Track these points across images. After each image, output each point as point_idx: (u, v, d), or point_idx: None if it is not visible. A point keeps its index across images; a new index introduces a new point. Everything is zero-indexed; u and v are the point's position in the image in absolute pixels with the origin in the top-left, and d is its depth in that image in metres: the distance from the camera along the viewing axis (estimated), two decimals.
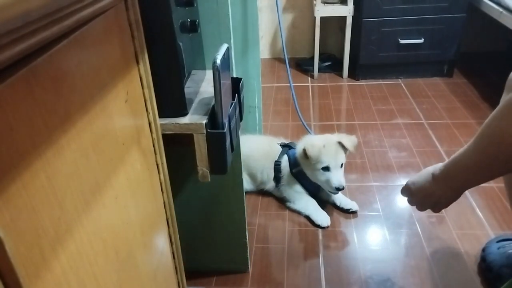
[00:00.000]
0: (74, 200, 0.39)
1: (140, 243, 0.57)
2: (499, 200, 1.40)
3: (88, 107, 0.43)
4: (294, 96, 1.68)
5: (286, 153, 1.45)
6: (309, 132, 1.81)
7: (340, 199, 1.43)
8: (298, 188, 1.43)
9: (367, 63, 2.34)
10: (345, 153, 1.36)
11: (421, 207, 0.91)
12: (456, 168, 0.78)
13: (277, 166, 1.44)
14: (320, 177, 1.35)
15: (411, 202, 0.94)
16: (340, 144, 1.35)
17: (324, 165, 1.32)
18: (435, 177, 0.84)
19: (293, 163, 1.42)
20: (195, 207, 1.10)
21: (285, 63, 1.63)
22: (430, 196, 0.86)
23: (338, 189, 1.32)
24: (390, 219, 1.36)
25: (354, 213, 1.39)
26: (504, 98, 0.97)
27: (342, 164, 1.35)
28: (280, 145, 1.49)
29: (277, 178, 1.45)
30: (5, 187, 0.30)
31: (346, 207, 1.40)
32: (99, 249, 0.44)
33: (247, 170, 1.49)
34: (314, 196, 1.44)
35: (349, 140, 1.36)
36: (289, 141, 1.52)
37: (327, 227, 1.34)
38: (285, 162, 1.44)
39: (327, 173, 1.33)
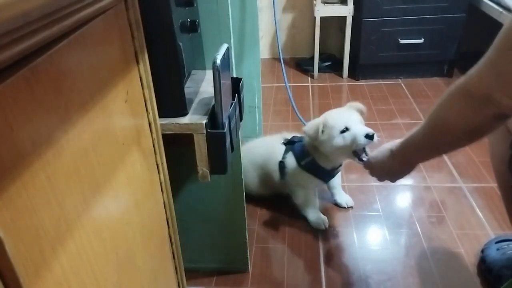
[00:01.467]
0: (74, 200, 0.39)
1: (140, 243, 0.57)
2: (499, 200, 1.40)
3: (88, 107, 0.43)
4: (290, 93, 1.68)
5: (290, 150, 1.35)
6: (303, 123, 1.75)
7: (342, 197, 1.43)
8: (305, 182, 1.33)
9: (367, 63, 2.34)
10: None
11: (380, 178, 1.02)
12: (410, 146, 0.87)
13: (281, 165, 1.36)
14: (343, 143, 1.17)
15: (371, 174, 1.04)
16: (355, 108, 1.26)
17: (340, 128, 1.18)
18: (393, 153, 0.93)
19: (300, 155, 1.32)
20: (195, 207, 1.10)
21: (280, 62, 1.63)
22: (389, 169, 0.97)
23: (371, 138, 1.15)
24: (390, 219, 1.36)
25: (351, 208, 1.42)
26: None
27: (361, 123, 1.22)
28: (283, 144, 1.39)
29: (282, 173, 1.36)
30: (5, 187, 0.30)
31: (349, 204, 1.41)
32: (99, 249, 0.44)
33: (259, 178, 1.44)
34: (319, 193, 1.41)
35: (356, 104, 1.27)
36: (291, 136, 1.42)
37: (326, 228, 1.33)
38: (289, 158, 1.34)
39: (347, 133, 1.17)
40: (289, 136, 1.41)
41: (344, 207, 1.41)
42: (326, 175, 1.33)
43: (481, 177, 1.53)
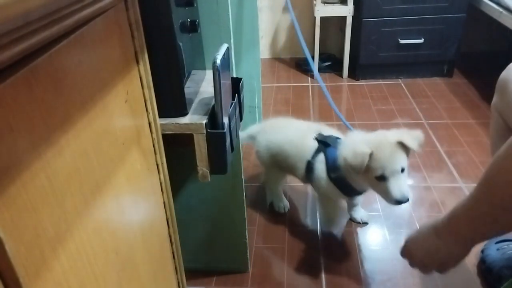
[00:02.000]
0: (74, 200, 0.39)
1: (140, 243, 0.57)
2: None
3: (88, 107, 0.43)
4: (326, 92, 1.67)
5: (322, 152, 1.17)
6: (349, 128, 1.55)
7: (358, 212, 1.35)
8: (331, 193, 1.19)
9: (367, 63, 2.34)
10: (407, 154, 1.04)
11: (425, 270, 0.80)
12: (459, 217, 0.68)
13: (309, 166, 1.19)
14: (375, 188, 1.07)
15: (412, 264, 0.83)
16: (399, 144, 1.03)
17: (377, 174, 1.02)
18: (437, 232, 0.73)
19: (332, 166, 1.14)
20: (195, 207, 1.10)
21: (306, 60, 1.61)
22: (435, 255, 0.75)
23: (400, 202, 1.02)
24: (390, 219, 1.36)
25: (365, 223, 1.35)
26: (495, 100, 0.97)
27: (403, 169, 1.03)
28: (316, 139, 1.20)
29: (309, 176, 1.21)
30: (5, 187, 0.30)
31: (363, 220, 1.34)
32: (99, 249, 0.44)
33: (278, 164, 1.30)
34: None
35: (412, 137, 1.03)
36: (327, 134, 1.22)
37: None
38: (320, 164, 1.17)
39: (383, 183, 1.03)
40: (325, 132, 1.22)
41: (359, 222, 1.34)
42: (352, 192, 1.19)
43: None
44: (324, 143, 1.18)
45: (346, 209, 1.37)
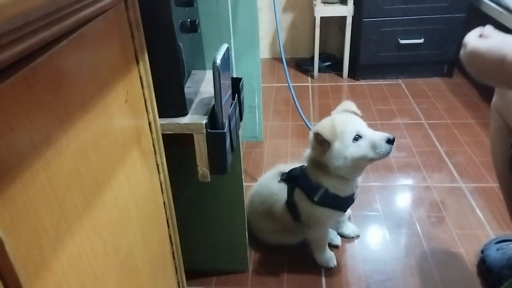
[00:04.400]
0: (74, 200, 0.39)
1: (140, 243, 0.57)
2: (499, 200, 1.40)
3: (88, 107, 0.43)
4: (293, 93, 1.67)
5: (297, 186, 1.12)
6: (309, 128, 1.56)
7: (348, 227, 1.30)
8: (323, 219, 1.12)
9: (367, 63, 2.34)
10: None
11: (471, 72, 0.76)
12: None
13: (290, 206, 1.13)
14: (360, 153, 0.99)
15: (462, 60, 0.77)
16: (345, 112, 1.07)
17: (351, 134, 0.99)
18: (506, 65, 0.68)
19: (310, 190, 1.08)
20: (195, 207, 1.10)
21: (282, 62, 1.62)
22: (491, 76, 0.73)
23: (390, 140, 0.99)
24: (390, 219, 1.36)
25: (357, 237, 1.30)
26: (495, 100, 0.96)
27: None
28: (282, 180, 1.16)
29: (295, 215, 1.14)
30: (5, 187, 0.30)
31: (355, 233, 1.30)
32: (99, 249, 0.44)
33: (275, 227, 1.23)
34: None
35: (348, 105, 1.09)
36: (288, 169, 1.18)
37: (334, 266, 1.19)
38: (299, 197, 1.11)
39: (362, 141, 0.99)
40: (285, 168, 1.19)
41: (352, 237, 1.30)
42: (345, 204, 1.11)
43: (481, 177, 1.53)
44: (292, 178, 1.14)
45: (335, 228, 1.32)
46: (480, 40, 0.74)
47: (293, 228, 1.20)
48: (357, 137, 0.99)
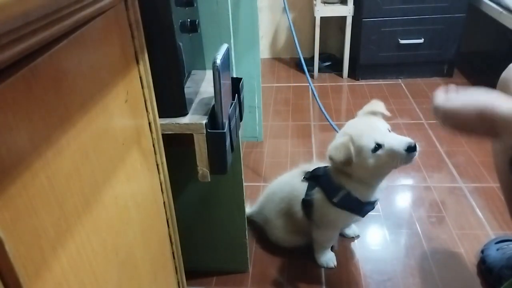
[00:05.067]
0: (74, 200, 0.39)
1: (140, 243, 0.57)
2: (499, 200, 1.40)
3: (88, 107, 0.43)
4: (315, 94, 1.67)
5: (316, 185, 1.10)
6: (336, 130, 1.46)
7: (352, 228, 1.30)
8: (338, 221, 1.11)
9: (367, 63, 2.34)
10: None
11: (449, 129, 0.78)
12: None
13: (305, 203, 1.12)
14: (381, 162, 0.96)
15: (438, 120, 0.80)
16: (371, 113, 1.04)
17: (370, 146, 0.95)
18: (484, 118, 0.70)
19: (331, 191, 1.05)
20: (195, 207, 1.10)
21: (300, 62, 1.61)
22: (470, 131, 0.75)
23: (411, 148, 0.93)
24: (390, 219, 1.36)
25: (357, 236, 1.30)
26: None
27: (389, 130, 0.99)
28: (305, 179, 1.15)
29: (308, 213, 1.13)
30: (5, 187, 0.30)
31: (356, 233, 1.30)
32: (99, 249, 0.44)
33: (287, 226, 1.22)
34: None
35: (376, 105, 1.05)
36: (312, 168, 1.16)
37: (334, 266, 1.19)
38: (317, 195, 1.09)
39: (383, 151, 0.95)
40: (309, 168, 1.17)
41: (352, 237, 1.30)
42: (364, 208, 1.08)
43: (481, 177, 1.53)
44: (315, 178, 1.12)
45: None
46: (451, 99, 0.76)
47: (304, 228, 1.19)
48: (377, 147, 0.95)
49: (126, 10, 0.53)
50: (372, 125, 0.99)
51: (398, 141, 0.94)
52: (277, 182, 1.28)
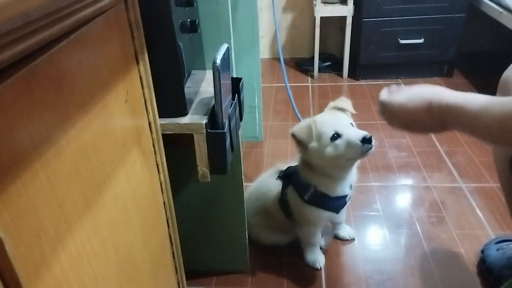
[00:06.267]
0: (74, 200, 0.39)
1: (140, 243, 0.57)
2: (499, 200, 1.40)
3: (88, 107, 0.43)
4: (291, 95, 1.67)
5: (290, 183, 1.13)
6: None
7: (344, 229, 1.30)
8: (314, 218, 1.12)
9: (367, 63, 2.34)
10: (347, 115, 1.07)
11: (396, 126, 0.81)
12: (466, 117, 0.67)
13: (282, 203, 1.15)
14: (336, 153, 0.98)
15: (387, 120, 0.83)
16: (336, 109, 1.07)
17: (329, 134, 0.98)
18: (431, 109, 0.72)
19: (301, 188, 1.08)
20: (195, 207, 1.10)
21: (280, 63, 1.62)
22: (416, 123, 0.76)
23: (366, 140, 0.95)
24: (390, 219, 1.36)
25: (353, 239, 1.29)
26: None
27: (352, 124, 1.03)
28: (279, 178, 1.17)
29: (286, 212, 1.15)
30: (5, 187, 0.30)
31: (351, 236, 1.29)
32: (99, 249, 0.44)
33: (269, 225, 1.24)
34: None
35: (342, 102, 1.08)
36: (285, 167, 1.18)
37: (320, 268, 1.19)
38: (291, 194, 1.12)
39: (339, 140, 0.98)
40: (284, 167, 1.18)
41: (347, 240, 1.29)
42: (336, 204, 1.10)
43: (481, 177, 1.53)
44: (287, 176, 1.14)
45: (331, 229, 1.31)
46: (395, 94, 0.77)
47: (285, 226, 1.20)
48: (336, 136, 0.98)
49: (126, 10, 0.53)
50: (336, 117, 1.03)
51: (355, 132, 0.98)
52: (255, 182, 1.31)
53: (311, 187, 1.06)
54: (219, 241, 1.16)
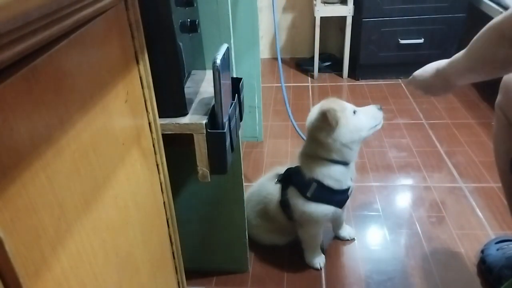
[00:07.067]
0: (74, 200, 0.39)
1: (140, 243, 0.57)
2: (499, 200, 1.40)
3: (88, 107, 0.43)
4: (286, 97, 1.68)
5: (291, 184, 1.13)
6: (302, 137, 1.62)
7: (344, 230, 1.30)
8: (318, 215, 1.11)
9: (367, 63, 2.34)
10: None
11: (422, 92, 1.07)
12: (453, 68, 0.95)
13: (283, 205, 1.14)
14: (362, 123, 1.06)
15: (414, 88, 1.08)
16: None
17: (350, 109, 1.06)
18: (438, 72, 0.99)
19: (303, 187, 1.09)
20: (195, 207, 1.10)
21: (278, 64, 1.62)
22: (431, 86, 1.03)
23: (380, 109, 1.11)
24: (390, 219, 1.36)
25: (353, 239, 1.30)
26: (499, 99, 0.99)
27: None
28: (278, 182, 1.17)
29: (288, 214, 1.15)
30: (5, 187, 0.30)
31: (351, 236, 1.30)
32: (99, 249, 0.44)
33: (270, 227, 1.24)
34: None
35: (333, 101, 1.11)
36: (284, 170, 1.19)
37: (320, 268, 1.20)
38: (292, 193, 1.12)
39: (358, 113, 1.08)
40: (282, 170, 1.20)
41: (348, 240, 1.29)
42: (339, 198, 1.12)
43: (481, 177, 1.53)
44: (286, 178, 1.15)
45: (332, 229, 1.31)
46: (415, 74, 1.09)
47: (286, 228, 1.21)
48: (355, 112, 1.07)
49: (126, 10, 0.53)
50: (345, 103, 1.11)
51: (370, 106, 1.12)
52: (255, 185, 1.31)
53: (312, 183, 1.07)
54: (219, 241, 1.16)
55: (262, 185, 1.26)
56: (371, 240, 1.29)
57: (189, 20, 0.81)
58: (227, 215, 1.10)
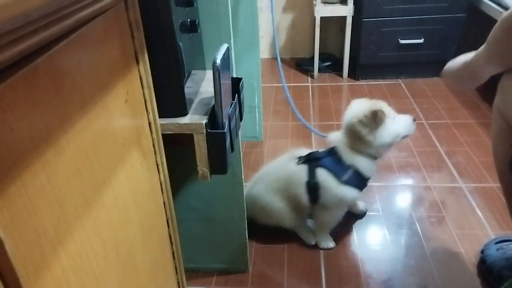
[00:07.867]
0: (74, 200, 0.39)
1: (140, 243, 0.57)
2: (499, 200, 1.40)
3: (88, 107, 0.43)
4: (289, 96, 1.67)
5: (321, 166, 1.18)
6: (316, 132, 1.76)
7: (360, 205, 1.39)
8: (346, 199, 1.20)
9: (367, 63, 2.34)
10: None
11: (451, 83, 1.22)
12: (477, 62, 0.98)
13: (311, 186, 1.18)
14: (399, 129, 1.17)
15: (443, 80, 1.24)
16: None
17: (391, 114, 1.17)
18: (465, 65, 1.03)
19: (339, 170, 1.16)
20: (195, 207, 1.10)
21: (277, 63, 1.62)
22: (459, 79, 1.09)
23: (413, 121, 1.22)
24: (390, 219, 1.36)
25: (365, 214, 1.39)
26: (496, 100, 0.99)
27: None
28: (302, 163, 1.21)
29: (314, 196, 1.19)
30: (5, 187, 0.30)
31: (365, 207, 1.40)
32: (99, 249, 0.44)
33: (287, 205, 1.25)
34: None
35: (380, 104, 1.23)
36: (305, 153, 1.25)
37: (332, 247, 1.26)
38: (325, 176, 1.17)
39: (396, 119, 1.18)
40: (301, 152, 1.25)
41: (364, 211, 1.38)
42: (365, 184, 1.22)
43: (481, 177, 1.53)
44: (312, 160, 1.20)
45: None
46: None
47: (301, 210, 1.25)
48: (393, 117, 1.17)
49: (126, 10, 0.53)
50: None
51: (405, 115, 1.21)
52: (271, 164, 1.33)
53: (350, 168, 1.17)
54: (219, 241, 1.16)
55: (283, 164, 1.28)
56: (371, 240, 1.29)
57: (189, 20, 0.81)
58: (227, 215, 1.10)
